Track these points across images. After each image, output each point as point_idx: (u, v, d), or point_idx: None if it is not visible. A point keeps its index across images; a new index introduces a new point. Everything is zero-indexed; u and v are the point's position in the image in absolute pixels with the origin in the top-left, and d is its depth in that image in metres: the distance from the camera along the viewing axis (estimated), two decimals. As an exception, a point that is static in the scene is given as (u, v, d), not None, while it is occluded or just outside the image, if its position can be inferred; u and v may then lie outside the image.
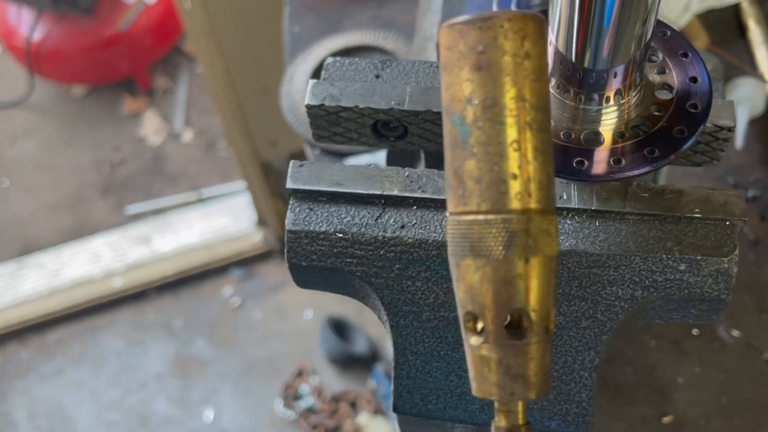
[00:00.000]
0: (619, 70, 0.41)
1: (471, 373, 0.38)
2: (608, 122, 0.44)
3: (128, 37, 2.47)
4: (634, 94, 0.44)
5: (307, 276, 0.52)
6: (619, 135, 0.44)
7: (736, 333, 0.87)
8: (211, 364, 2.21)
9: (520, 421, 0.39)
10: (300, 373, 2.17)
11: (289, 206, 0.51)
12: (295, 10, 1.19)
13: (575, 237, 0.47)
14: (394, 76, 0.55)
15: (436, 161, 0.63)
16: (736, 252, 0.46)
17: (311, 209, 0.50)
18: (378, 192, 0.50)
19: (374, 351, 2.17)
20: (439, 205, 0.49)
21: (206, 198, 2.44)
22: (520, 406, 0.38)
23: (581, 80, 0.43)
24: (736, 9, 1.11)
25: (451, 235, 0.38)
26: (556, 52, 0.43)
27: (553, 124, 0.45)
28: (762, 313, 0.88)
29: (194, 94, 2.63)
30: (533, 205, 0.36)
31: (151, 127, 2.56)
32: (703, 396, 0.85)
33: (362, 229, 0.49)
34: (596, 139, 0.44)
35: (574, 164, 0.43)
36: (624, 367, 0.86)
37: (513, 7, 0.62)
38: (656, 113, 0.44)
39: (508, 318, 0.37)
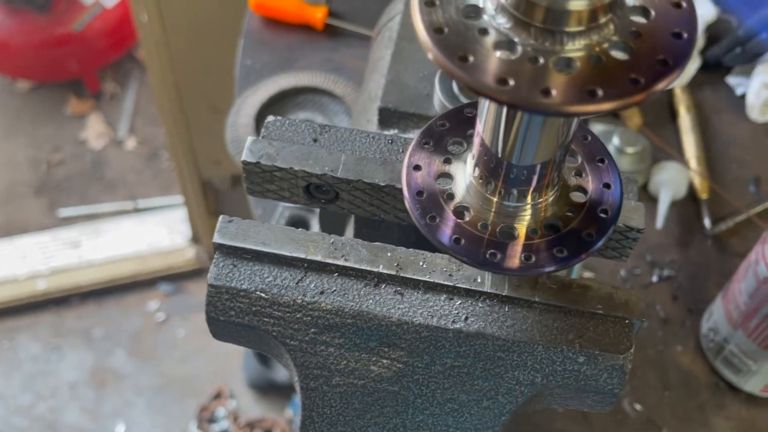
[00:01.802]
0: (538, 168, 0.44)
1: None
2: (524, 218, 0.47)
3: (81, 38, 2.44)
4: (551, 193, 0.46)
5: (224, 330, 0.53)
6: (532, 232, 0.46)
7: (638, 407, 0.91)
8: (127, 378, 2.18)
9: None
10: (218, 396, 2.16)
11: (213, 261, 0.52)
12: (250, 43, 1.20)
13: (485, 320, 0.49)
14: (331, 141, 0.57)
15: (363, 225, 0.65)
16: (632, 350, 0.49)
17: (235, 266, 0.51)
18: (302, 255, 0.51)
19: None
20: (360, 275, 0.51)
21: (142, 208, 2.41)
22: None
23: (503, 175, 0.45)
24: (669, 94, 1.17)
25: None
26: (482, 143, 0.45)
27: (472, 213, 0.47)
28: (665, 390, 0.92)
29: (142, 102, 2.61)
30: None
31: (94, 131, 2.53)
32: (601, 467, 0.88)
33: (282, 291, 0.51)
34: (511, 233, 0.46)
35: (488, 255, 0.45)
36: (530, 432, 0.88)
37: (454, 86, 0.65)
38: (569, 214, 0.47)
39: None
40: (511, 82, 0.35)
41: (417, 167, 0.49)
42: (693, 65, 1.18)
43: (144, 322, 2.27)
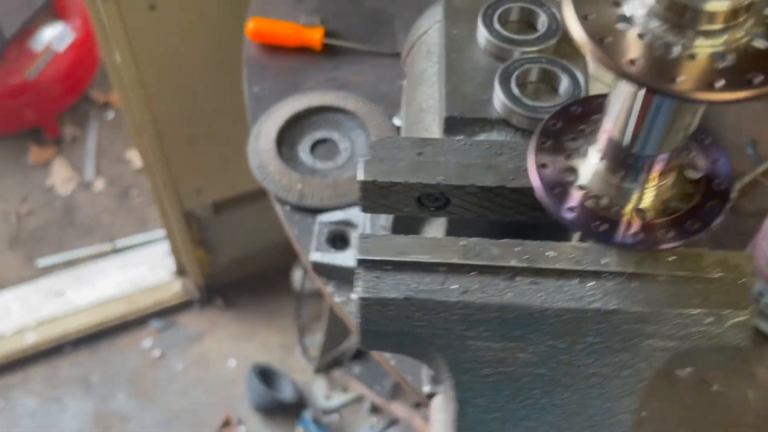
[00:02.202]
0: (667, 156, 0.49)
1: None
2: (650, 199, 0.52)
3: (35, 86, 2.42)
4: (671, 175, 0.51)
5: (375, 339, 0.56)
6: (661, 211, 0.51)
7: (688, 369, 0.97)
8: (132, 419, 2.16)
9: None
10: (226, 424, 2.16)
11: (359, 276, 0.55)
12: (253, 71, 1.23)
13: (618, 297, 0.54)
14: (435, 153, 0.61)
15: (454, 228, 0.69)
16: (752, 306, 0.54)
17: (379, 278, 0.55)
18: (440, 260, 0.55)
19: (301, 397, 2.19)
20: (495, 271, 0.55)
21: (121, 248, 2.40)
22: None
23: (631, 164, 0.50)
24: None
25: None
26: (610, 138, 0.50)
27: (603, 201, 0.52)
28: (707, 349, 0.99)
29: (104, 142, 2.59)
30: None
31: (60, 177, 2.50)
32: (664, 428, 0.94)
33: (428, 295, 0.54)
34: (642, 214, 0.51)
35: (629, 237, 0.50)
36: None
37: (513, 88, 0.70)
38: (689, 191, 0.52)
39: None
40: (679, 79, 0.40)
41: (543, 165, 0.53)
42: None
43: (140, 361, 2.25)
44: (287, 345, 2.28)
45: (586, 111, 0.56)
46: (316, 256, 1.03)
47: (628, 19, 0.43)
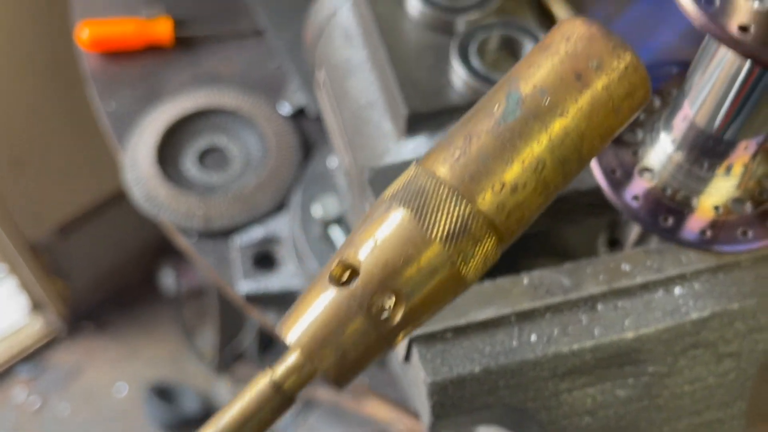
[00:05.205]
0: (760, 139, 0.41)
1: (300, 309, 0.34)
2: (732, 189, 0.44)
3: None
4: (759, 157, 0.44)
5: (453, 422, 0.46)
6: (756, 200, 0.44)
7: None
8: (30, 481, 1.94)
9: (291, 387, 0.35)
10: (135, 455, 1.99)
11: (418, 355, 0.44)
12: (103, 85, 1.05)
13: (711, 297, 0.47)
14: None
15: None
16: None
17: (444, 351, 0.45)
18: (508, 311, 0.45)
19: (208, 408, 2.04)
20: (573, 305, 0.46)
21: (-40, 299, 2.10)
22: (305, 373, 0.34)
23: (721, 152, 0.42)
24: None
25: (410, 176, 0.34)
26: (692, 126, 0.41)
27: (684, 193, 0.44)
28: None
29: None
30: (498, 225, 0.33)
31: None
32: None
33: (509, 358, 0.45)
34: (741, 204, 0.44)
35: (739, 234, 0.43)
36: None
37: (475, 63, 0.60)
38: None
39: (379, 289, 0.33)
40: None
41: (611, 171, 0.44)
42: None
43: (19, 416, 2.02)
44: (177, 353, 2.11)
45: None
46: (245, 287, 0.90)
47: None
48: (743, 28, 0.32)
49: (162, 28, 1.07)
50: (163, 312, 2.14)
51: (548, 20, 1.14)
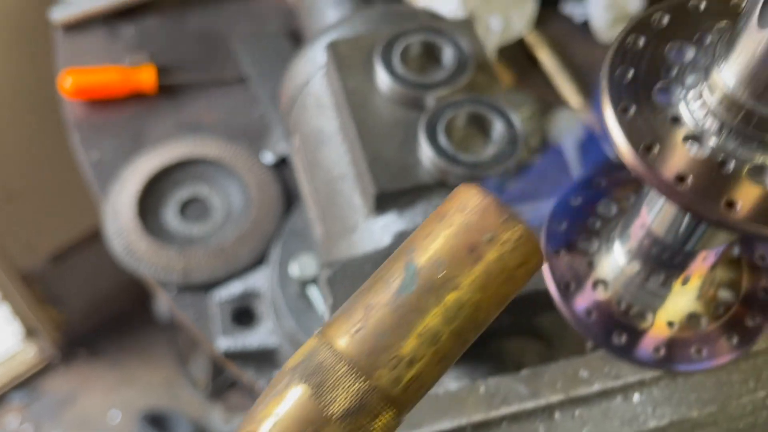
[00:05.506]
0: (719, 249, 0.41)
1: None
2: (688, 304, 0.44)
3: None
4: (713, 272, 0.44)
5: None
6: (712, 315, 0.43)
7: None
8: None
9: None
10: (127, 484, 1.99)
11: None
12: (86, 134, 1.04)
13: (670, 404, 0.46)
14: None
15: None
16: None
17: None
18: (464, 421, 0.45)
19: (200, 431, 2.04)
20: (531, 414, 0.46)
21: (-46, 326, 2.11)
22: None
23: (678, 263, 0.42)
24: (521, 43, 1.17)
25: (310, 349, 0.34)
26: (649, 233, 0.41)
27: (637, 308, 0.44)
28: None
29: None
30: (396, 397, 0.33)
31: None
32: None
33: (463, 471, 0.44)
34: (697, 321, 0.43)
35: (693, 352, 0.42)
36: None
37: (443, 143, 0.60)
38: (730, 291, 0.44)
39: None
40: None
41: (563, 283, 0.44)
42: (530, 7, 1.18)
43: (12, 443, 2.02)
44: (171, 380, 2.10)
45: (587, 200, 0.46)
46: (224, 343, 0.90)
47: (677, 121, 0.34)
48: (680, 178, 0.32)
49: (145, 76, 1.07)
50: (157, 339, 2.13)
51: (535, 66, 1.14)
